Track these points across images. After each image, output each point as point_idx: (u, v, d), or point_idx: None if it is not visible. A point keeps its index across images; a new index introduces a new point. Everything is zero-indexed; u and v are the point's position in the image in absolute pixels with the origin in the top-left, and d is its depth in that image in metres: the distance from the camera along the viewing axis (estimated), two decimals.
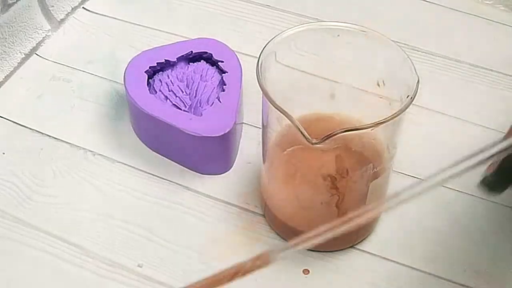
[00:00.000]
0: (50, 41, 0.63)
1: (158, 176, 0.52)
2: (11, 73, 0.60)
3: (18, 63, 0.60)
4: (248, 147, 0.54)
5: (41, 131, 0.55)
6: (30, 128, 0.56)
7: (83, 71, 0.60)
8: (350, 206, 0.44)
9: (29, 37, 0.61)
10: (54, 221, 0.49)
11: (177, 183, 0.52)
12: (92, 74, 0.60)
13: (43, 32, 0.63)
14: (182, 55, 0.55)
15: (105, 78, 0.60)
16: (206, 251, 0.48)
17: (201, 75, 0.55)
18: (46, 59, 0.62)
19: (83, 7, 0.67)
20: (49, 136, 0.55)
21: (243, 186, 0.51)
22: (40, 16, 0.62)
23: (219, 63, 0.55)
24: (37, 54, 0.62)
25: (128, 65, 0.54)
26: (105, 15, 0.66)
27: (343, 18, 0.67)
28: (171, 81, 0.54)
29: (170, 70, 0.55)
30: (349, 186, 0.44)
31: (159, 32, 0.64)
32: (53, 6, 0.63)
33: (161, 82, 0.54)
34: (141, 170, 0.52)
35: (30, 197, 0.51)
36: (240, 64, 0.55)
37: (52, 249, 0.47)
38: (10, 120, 0.56)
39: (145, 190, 0.51)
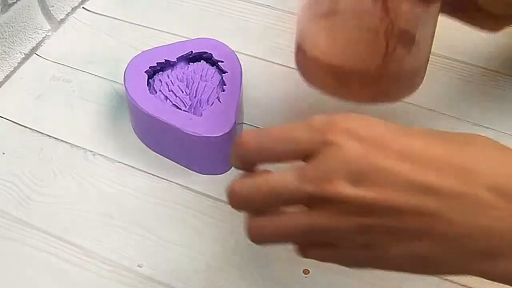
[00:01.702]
0: (50, 41, 0.63)
1: (158, 176, 0.52)
2: (11, 73, 0.60)
3: (18, 63, 0.60)
4: None
5: (41, 131, 0.55)
6: (30, 128, 0.56)
7: (83, 71, 0.60)
8: (399, 39, 0.39)
9: (29, 37, 0.61)
10: (54, 221, 0.49)
11: (177, 183, 0.52)
12: (92, 74, 0.60)
13: (43, 32, 0.63)
14: (182, 55, 0.55)
15: (105, 78, 0.60)
16: (206, 251, 0.48)
17: (201, 75, 0.55)
18: (46, 59, 0.62)
19: (83, 7, 0.67)
20: (49, 136, 0.55)
21: None
22: (40, 16, 0.62)
23: (219, 63, 0.55)
24: (37, 54, 0.62)
25: (128, 65, 0.54)
26: (105, 15, 0.66)
27: None
28: (171, 81, 0.54)
29: (170, 70, 0.55)
30: (399, 10, 0.39)
31: (159, 32, 0.64)
32: (53, 6, 0.63)
33: (161, 82, 0.54)
34: (141, 170, 0.52)
35: (30, 197, 0.51)
36: (240, 64, 0.55)
37: (52, 249, 0.47)
38: (10, 120, 0.56)
39: (145, 190, 0.51)
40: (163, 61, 0.55)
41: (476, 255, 0.31)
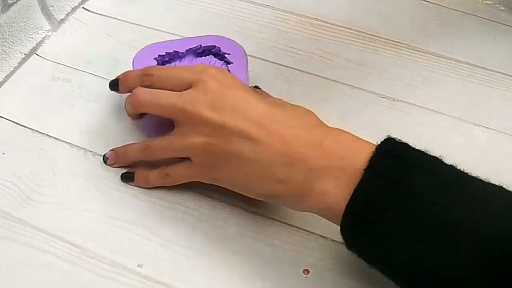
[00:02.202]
0: (50, 41, 0.63)
1: None
2: (11, 73, 0.60)
3: (18, 63, 0.60)
4: None
5: (41, 131, 0.55)
6: (30, 128, 0.56)
7: (83, 71, 0.60)
8: None
9: (29, 37, 0.61)
10: (54, 221, 0.49)
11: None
12: (92, 74, 0.60)
13: (43, 32, 0.63)
14: (192, 48, 0.56)
15: (105, 78, 0.59)
16: (206, 251, 0.48)
17: None
18: (46, 59, 0.62)
19: (83, 7, 0.67)
20: (49, 136, 0.55)
21: None
22: (40, 16, 0.62)
23: (225, 55, 0.56)
24: (37, 54, 0.62)
25: (137, 54, 0.55)
26: (105, 15, 0.66)
27: (342, 18, 0.67)
28: None
29: (178, 61, 0.56)
30: None
31: (159, 32, 0.64)
32: (53, 6, 0.63)
33: None
34: None
35: (30, 197, 0.51)
36: (246, 57, 0.56)
37: (52, 249, 0.47)
38: (10, 120, 0.56)
39: (145, 190, 0.51)
40: (172, 51, 0.55)
41: (275, 180, 0.43)
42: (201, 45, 0.56)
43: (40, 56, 0.62)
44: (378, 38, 0.64)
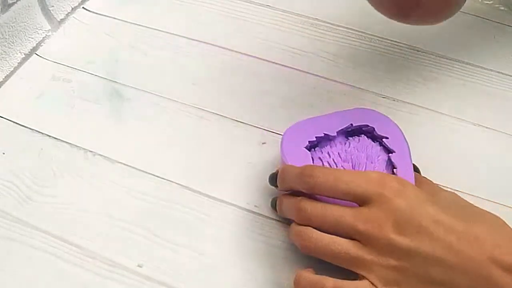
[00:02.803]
0: (50, 41, 0.63)
1: (158, 176, 0.52)
2: (11, 73, 0.60)
3: (18, 63, 0.61)
4: (249, 147, 0.54)
5: (41, 131, 0.55)
6: (30, 128, 0.56)
7: (83, 71, 0.60)
8: None
9: (29, 37, 0.61)
10: (54, 221, 0.49)
11: (177, 183, 0.52)
12: (92, 74, 0.60)
13: (43, 32, 0.63)
14: (342, 129, 0.49)
15: (105, 78, 0.60)
16: (206, 251, 0.48)
17: (367, 154, 0.47)
18: (46, 59, 0.62)
19: (83, 7, 0.67)
20: (49, 136, 0.55)
21: (243, 186, 0.51)
22: (40, 16, 0.62)
23: (383, 139, 0.48)
24: (37, 54, 0.62)
25: (284, 138, 0.48)
26: (105, 15, 0.66)
27: (342, 19, 0.67)
28: (333, 160, 0.47)
29: (329, 146, 0.48)
30: None
31: (159, 32, 0.64)
32: (53, 6, 0.63)
33: (321, 161, 0.47)
34: (141, 170, 0.52)
35: (30, 197, 0.51)
36: (406, 140, 0.48)
37: (52, 249, 0.47)
38: (10, 120, 0.56)
39: (145, 190, 0.51)
40: (322, 135, 0.48)
41: None
42: (351, 124, 0.49)
43: (40, 56, 0.62)
44: (378, 38, 0.64)
